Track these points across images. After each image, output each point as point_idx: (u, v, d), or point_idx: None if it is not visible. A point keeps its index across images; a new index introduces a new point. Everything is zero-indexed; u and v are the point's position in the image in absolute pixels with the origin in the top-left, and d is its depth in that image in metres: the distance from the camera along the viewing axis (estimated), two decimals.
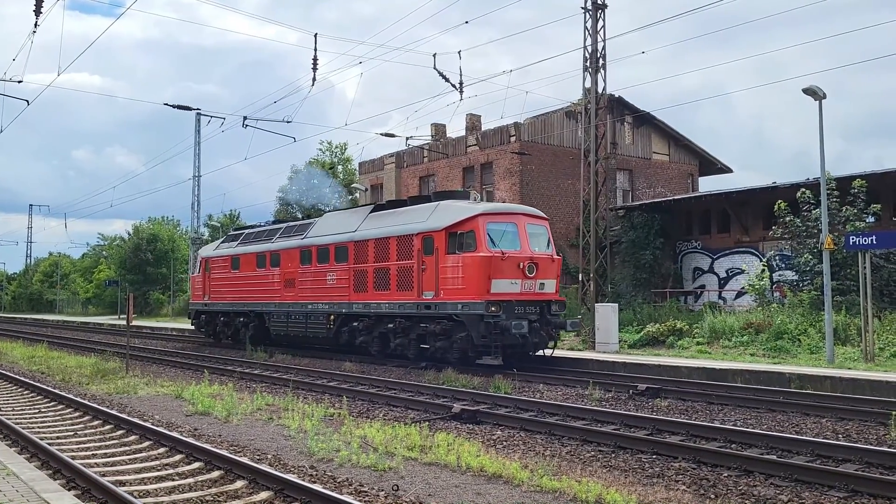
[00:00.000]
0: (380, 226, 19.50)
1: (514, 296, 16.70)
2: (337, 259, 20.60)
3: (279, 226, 25.35)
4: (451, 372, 15.65)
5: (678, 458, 8.39)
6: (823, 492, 6.95)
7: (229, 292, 25.96)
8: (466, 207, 17.67)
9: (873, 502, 6.63)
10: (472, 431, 10.14)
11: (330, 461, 8.07)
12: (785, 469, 7.56)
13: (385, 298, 18.77)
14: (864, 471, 7.57)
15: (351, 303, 19.95)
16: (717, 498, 6.74)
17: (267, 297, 23.65)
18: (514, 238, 17.17)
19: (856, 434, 9.74)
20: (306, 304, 21.77)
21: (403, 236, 18.35)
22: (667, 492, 6.90)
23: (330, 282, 20.77)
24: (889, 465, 7.80)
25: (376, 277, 19.07)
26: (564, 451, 8.86)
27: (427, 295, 17.43)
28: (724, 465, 7.95)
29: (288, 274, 22.65)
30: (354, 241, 20.06)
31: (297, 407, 11.51)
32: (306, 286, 21.79)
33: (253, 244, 25.14)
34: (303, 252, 22.10)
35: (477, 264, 16.48)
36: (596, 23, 24.78)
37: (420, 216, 18.33)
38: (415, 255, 17.84)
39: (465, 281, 16.59)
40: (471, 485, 7.08)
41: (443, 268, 17.08)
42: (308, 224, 23.16)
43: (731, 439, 9.21)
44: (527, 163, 32.74)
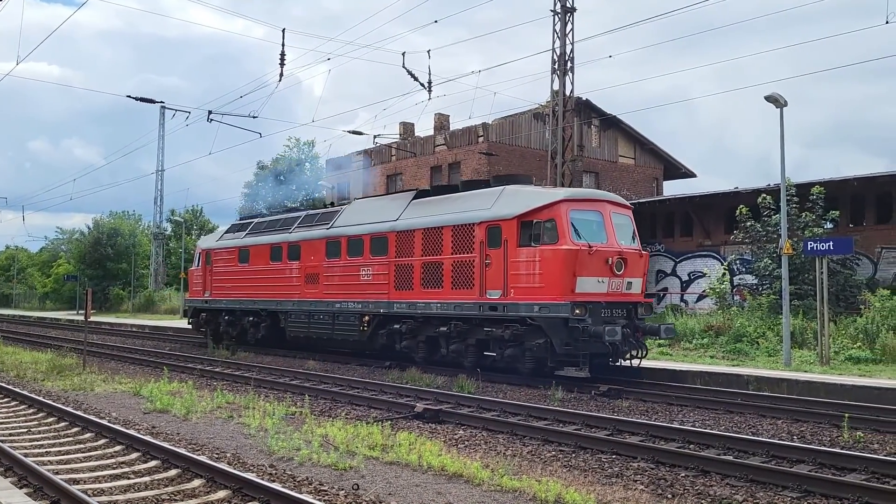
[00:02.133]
0: (428, 214, 16.98)
1: (600, 296, 14.42)
2: (373, 252, 18.06)
3: (297, 214, 22.60)
4: (414, 371, 15.62)
5: (637, 458, 8.48)
6: (777, 492, 7.08)
7: (236, 288, 23.28)
8: (544, 192, 15.44)
9: (825, 502, 6.76)
10: (434, 431, 10.14)
11: (290, 460, 8.01)
12: (741, 469, 7.68)
13: (436, 297, 16.27)
14: (816, 471, 7.73)
15: (391, 302, 17.43)
16: (674, 497, 6.82)
17: (283, 295, 21.05)
18: (599, 229, 14.83)
19: (810, 435, 9.94)
20: (333, 303, 19.17)
21: (461, 226, 15.86)
22: (625, 491, 6.97)
23: (364, 277, 18.27)
24: (841, 465, 7.96)
25: (425, 273, 16.64)
26: (526, 451, 8.91)
27: (492, 294, 15.05)
28: (681, 466, 8.05)
29: (310, 268, 20.07)
30: (396, 231, 17.46)
31: (257, 405, 11.39)
32: (333, 282, 19.27)
33: (265, 234, 22.44)
34: (329, 243, 19.52)
35: (560, 259, 14.08)
36: (564, 26, 24.96)
37: (482, 203, 15.84)
38: (476, 247, 15.43)
39: (544, 278, 14.20)
40: (431, 484, 7.07)
41: (514, 262, 14.72)
42: (334, 212, 20.55)
43: (689, 440, 9.33)
44: (494, 163, 32.86)
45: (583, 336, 13.68)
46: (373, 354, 19.05)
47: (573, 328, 13.76)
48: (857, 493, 6.82)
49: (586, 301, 14.09)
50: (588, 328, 13.70)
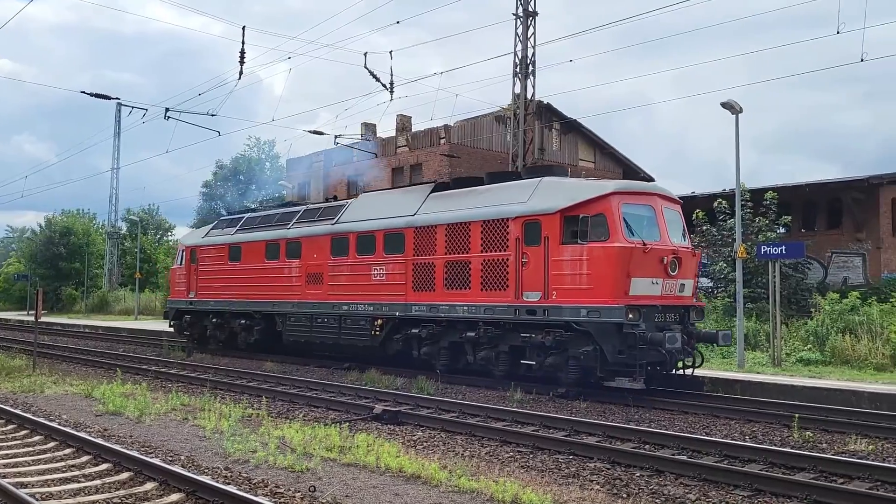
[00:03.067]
0: (452, 208, 15.55)
1: (654, 299, 13.22)
2: (387, 249, 16.64)
3: (296, 208, 21.01)
4: (374, 373, 15.56)
5: (594, 458, 8.57)
6: (729, 490, 7.22)
7: (225, 288, 21.63)
8: (590, 184, 14.09)
9: (775, 500, 6.91)
10: (392, 432, 10.11)
11: (246, 462, 7.91)
12: (694, 469, 7.81)
13: (463, 299, 14.89)
14: (767, 470, 7.90)
15: (408, 304, 16.04)
16: (629, 497, 6.91)
17: (281, 296, 19.55)
18: (651, 224, 13.62)
19: (761, 435, 10.15)
20: (340, 305, 17.69)
21: (493, 221, 14.47)
22: (581, 491, 7.04)
23: (377, 277, 16.84)
24: (791, 464, 8.15)
25: (449, 273, 15.25)
26: (484, 452, 8.93)
27: (530, 296, 13.70)
28: (637, 466, 8.16)
29: (312, 267, 18.63)
30: (415, 227, 16.05)
31: (213, 407, 11.23)
32: (340, 282, 17.83)
33: (260, 230, 20.86)
34: (335, 240, 18.05)
35: (612, 258, 12.79)
36: (526, 29, 25.14)
37: (515, 195, 14.46)
38: (511, 244, 14.08)
39: (593, 279, 12.90)
40: (389, 485, 7.05)
41: (556, 262, 13.37)
42: (338, 206, 19.06)
43: (644, 440, 9.46)
44: (456, 165, 32.94)
45: (639, 343, 12.46)
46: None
47: (628, 335, 12.50)
48: (806, 492, 6.99)
49: (640, 305, 12.85)
50: (645, 335, 12.52)
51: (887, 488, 7.28)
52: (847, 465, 8.00)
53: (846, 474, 7.75)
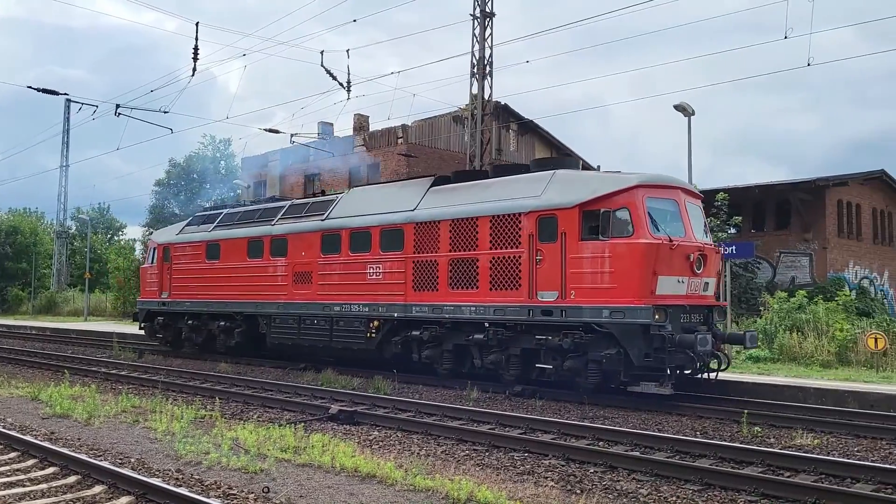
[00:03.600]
0: (457, 202, 14.74)
1: (680, 299, 12.49)
2: (384, 246, 15.77)
3: (280, 203, 19.87)
4: (330, 373, 15.46)
5: (549, 455, 8.64)
6: (680, 485, 7.34)
7: (203, 288, 20.44)
8: (612, 177, 13.16)
9: (723, 494, 7.06)
10: (348, 432, 10.06)
11: (198, 464, 7.78)
12: (647, 465, 7.94)
13: (470, 299, 14.09)
14: (717, 465, 8.06)
15: (408, 304, 15.21)
16: (582, 493, 6.98)
17: (265, 296, 18.50)
18: (675, 220, 12.87)
19: (712, 431, 10.36)
20: (331, 306, 16.74)
21: (503, 216, 13.68)
22: (536, 488, 7.09)
23: (373, 276, 15.95)
24: (739, 459, 8.33)
25: (454, 271, 14.45)
26: (440, 451, 8.94)
27: (546, 296, 12.93)
28: (591, 462, 8.25)
29: (300, 265, 17.66)
30: (415, 222, 15.20)
31: (165, 409, 11.03)
32: (332, 281, 16.89)
33: (241, 227, 19.75)
34: (326, 237, 17.10)
35: (638, 255, 12.05)
36: (484, 30, 25.25)
37: (527, 189, 13.69)
38: (524, 241, 13.31)
39: (617, 277, 12.17)
40: (344, 485, 7.01)
41: (574, 259, 12.61)
42: (328, 201, 18.07)
43: (599, 437, 9.58)
44: (413, 165, 32.91)
45: (669, 346, 11.75)
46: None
47: (655, 336, 11.81)
48: (754, 485, 7.15)
49: (666, 305, 12.18)
50: (673, 337, 11.86)
51: (831, 481, 7.49)
52: (794, 458, 8.21)
53: (793, 468, 7.95)
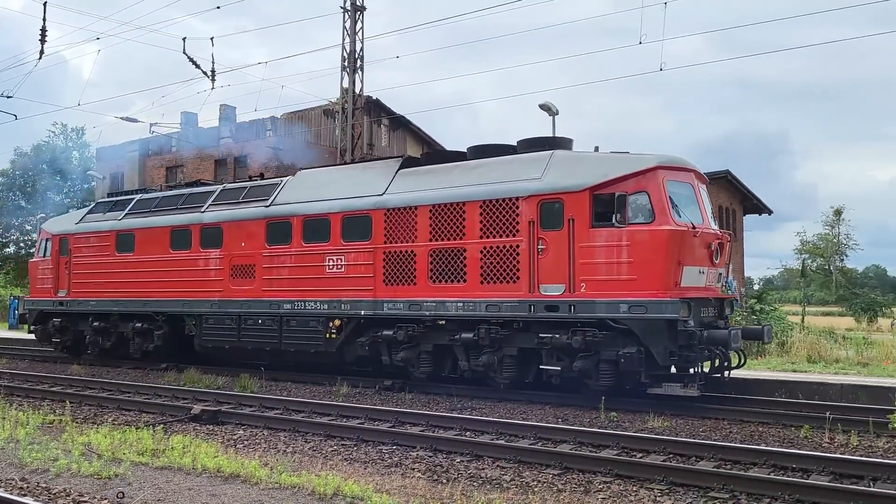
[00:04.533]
0: (437, 186, 13.28)
1: (700, 291, 11.58)
2: (347, 235, 14.13)
3: (210, 188, 17.62)
4: (193, 372, 14.91)
5: (417, 447, 8.73)
6: (541, 470, 7.62)
7: (112, 285, 18.03)
8: (627, 158, 11.91)
9: (581, 476, 7.39)
10: (212, 432, 9.74)
11: (46, 472, 7.30)
12: (511, 452, 8.18)
13: (456, 295, 12.70)
14: (576, 450, 8.43)
15: (379, 301, 13.63)
16: (448, 482, 7.11)
17: (194, 293, 16.42)
18: (693, 206, 11.88)
19: (573, 418, 10.81)
20: (280, 303, 14.92)
21: (497, 201, 12.36)
22: (403, 479, 7.15)
23: (333, 270, 14.22)
24: (597, 443, 8.75)
25: (436, 263, 12.99)
26: (307, 447, 8.83)
27: (550, 290, 11.73)
28: (458, 452, 8.41)
29: (240, 258, 15.68)
30: (386, 208, 13.63)
31: (8, 415, 10.26)
32: (280, 276, 15.08)
33: (161, 214, 17.55)
34: (272, 225, 15.25)
35: (662, 243, 11.03)
36: (354, 24, 25.06)
37: (523, 171, 12.41)
38: (523, 228, 12.06)
39: (637, 268, 11.10)
40: (206, 486, 6.79)
41: (585, 248, 11.46)
42: (271, 185, 16.12)
43: (466, 427, 9.76)
44: (283, 158, 32.23)
45: (698, 343, 10.90)
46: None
47: (682, 333, 10.88)
48: (609, 466, 7.54)
49: (690, 298, 11.20)
50: (703, 333, 10.97)
51: (678, 459, 8.00)
52: (646, 440, 8.72)
53: (644, 449, 8.44)
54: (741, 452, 8.09)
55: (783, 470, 7.54)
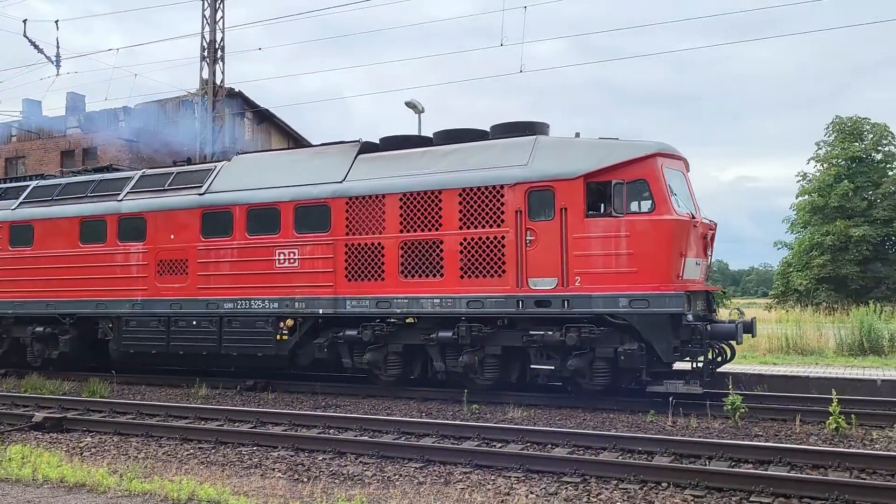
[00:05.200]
0: (406, 172, 12.34)
1: (697, 284, 11.35)
2: (301, 227, 12.92)
3: (125, 174, 15.84)
4: (35, 378, 13.92)
5: (278, 447, 8.58)
6: (404, 464, 7.69)
7: (5, 284, 16.00)
8: (624, 144, 11.37)
9: (442, 468, 7.52)
10: (56, 441, 9.15)
11: None
12: (373, 447, 8.19)
13: (432, 290, 11.83)
14: (438, 442, 8.57)
15: (340, 298, 12.52)
16: (309, 480, 7.04)
17: (111, 292, 14.67)
18: (686, 194, 11.46)
19: (436, 412, 10.97)
20: (220, 302, 13.46)
21: (478, 189, 11.58)
22: (262, 480, 7.01)
23: (284, 264, 12.98)
24: (459, 435, 8.93)
25: (407, 256, 12.07)
26: (161, 452, 8.47)
27: (540, 284, 11.09)
28: (320, 450, 8.34)
29: (168, 251, 14.11)
30: (348, 196, 12.56)
31: None
32: (219, 271, 13.60)
33: (67, 203, 15.60)
34: (208, 215, 13.81)
35: (665, 233, 10.61)
36: (215, 12, 24.24)
37: (507, 157, 11.70)
38: (509, 218, 11.35)
39: (638, 259, 10.60)
40: (47, 497, 6.37)
41: (580, 239, 10.89)
42: (203, 171, 14.62)
43: (330, 425, 9.70)
44: (137, 150, 30.65)
45: (701, 337, 10.54)
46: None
47: (685, 328, 10.55)
48: (469, 457, 7.71)
49: (690, 291, 10.88)
50: (708, 327, 10.72)
51: (535, 447, 8.32)
52: (505, 430, 8.99)
53: (504, 439, 8.70)
54: (593, 438, 8.50)
55: (630, 453, 8.00)
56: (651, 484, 6.81)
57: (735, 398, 9.67)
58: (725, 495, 6.49)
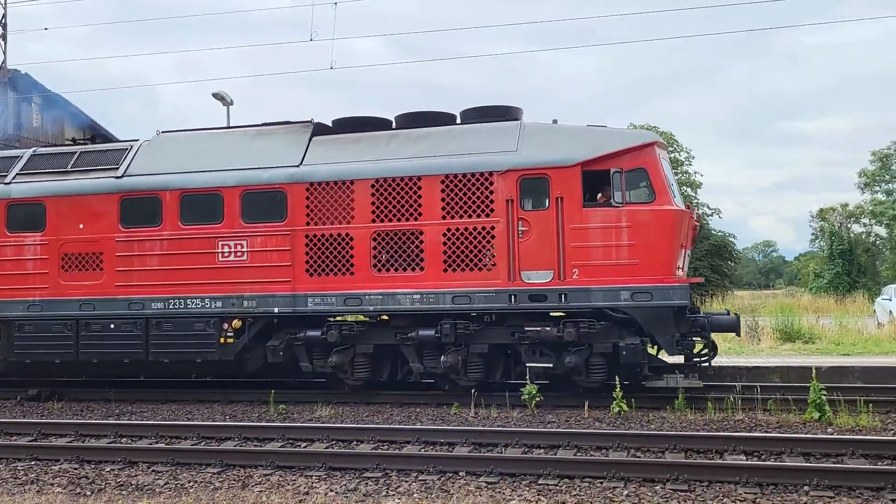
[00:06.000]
0: (376, 156, 11.32)
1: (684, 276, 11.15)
2: (250, 215, 11.52)
3: (13, 153, 13.63)
4: None
5: (61, 459, 7.94)
6: (200, 470, 7.40)
7: None
8: (621, 132, 11.27)
9: (241, 472, 7.31)
10: None
11: None
12: (168, 455, 7.82)
13: (411, 285, 10.93)
14: (240, 445, 8.34)
15: (300, 295, 11.31)
16: (92, 493, 6.58)
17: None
18: (675, 185, 11.33)
19: (241, 414, 10.64)
20: (146, 301, 11.78)
21: (463, 176, 10.84)
22: (39, 496, 6.48)
23: (230, 258, 11.55)
24: (262, 437, 8.74)
25: (381, 249, 11.16)
26: None
27: (534, 277, 10.55)
28: (108, 461, 7.82)
29: (76, 244, 12.19)
30: (308, 182, 11.36)
31: None
32: (146, 266, 11.89)
33: None
34: (129, 202, 12.02)
35: (668, 224, 10.43)
36: None
37: (494, 142, 11.03)
38: (499, 207, 10.70)
39: (639, 251, 10.30)
40: None
41: (577, 230, 10.45)
42: (118, 151, 12.70)
43: (122, 434, 9.12)
44: None
45: (701, 329, 10.62)
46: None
47: (688, 320, 10.51)
48: (271, 459, 7.56)
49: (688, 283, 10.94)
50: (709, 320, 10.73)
51: (340, 445, 8.33)
52: (310, 429, 8.92)
53: (310, 438, 8.64)
54: (397, 433, 8.66)
55: (433, 445, 8.22)
56: (449, 474, 7.03)
57: (531, 388, 10.20)
58: (516, 480, 6.84)
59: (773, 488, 6.51)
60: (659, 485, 6.67)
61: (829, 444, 7.77)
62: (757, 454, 7.66)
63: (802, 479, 6.58)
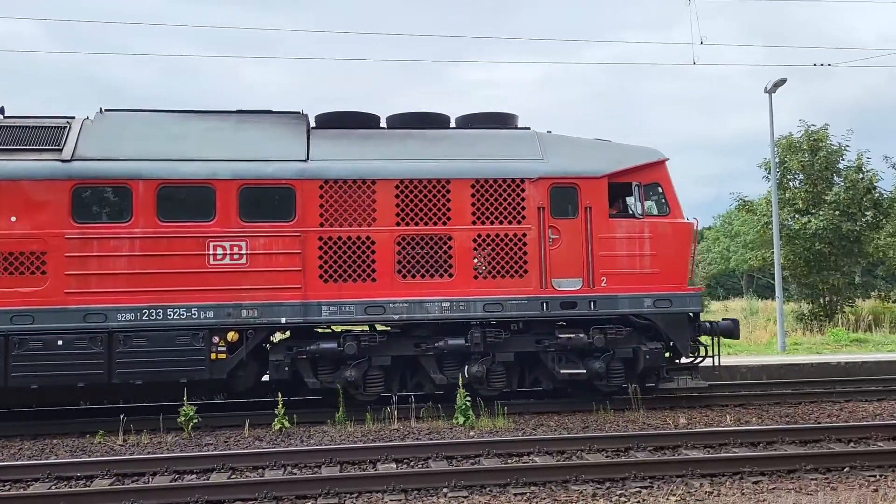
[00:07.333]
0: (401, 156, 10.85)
1: None
2: (250, 214, 10.34)
3: None
4: None
5: None
6: None
7: None
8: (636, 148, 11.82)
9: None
10: None
11: None
12: None
13: (440, 292, 10.59)
14: None
15: (312, 303, 10.33)
16: None
17: None
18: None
19: None
20: (109, 312, 9.91)
21: (495, 181, 10.88)
22: None
23: (225, 261, 10.22)
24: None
25: (406, 253, 10.65)
26: None
27: (565, 285, 10.91)
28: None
29: (4, 241, 9.91)
30: (323, 178, 10.55)
31: None
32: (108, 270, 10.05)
33: None
34: (84, 191, 10.19)
35: (685, 236, 11.42)
36: None
37: (518, 149, 11.21)
38: (531, 215, 10.90)
39: (660, 261, 11.15)
40: None
41: (604, 239, 11.04)
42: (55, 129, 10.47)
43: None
44: None
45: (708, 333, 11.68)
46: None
47: (699, 326, 11.49)
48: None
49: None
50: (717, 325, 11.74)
51: None
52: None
53: None
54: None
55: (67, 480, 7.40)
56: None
57: (188, 409, 9.72)
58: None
59: (417, 493, 6.92)
60: (310, 500, 6.71)
61: (468, 446, 8.48)
62: (407, 461, 8.09)
63: (442, 482, 7.09)
